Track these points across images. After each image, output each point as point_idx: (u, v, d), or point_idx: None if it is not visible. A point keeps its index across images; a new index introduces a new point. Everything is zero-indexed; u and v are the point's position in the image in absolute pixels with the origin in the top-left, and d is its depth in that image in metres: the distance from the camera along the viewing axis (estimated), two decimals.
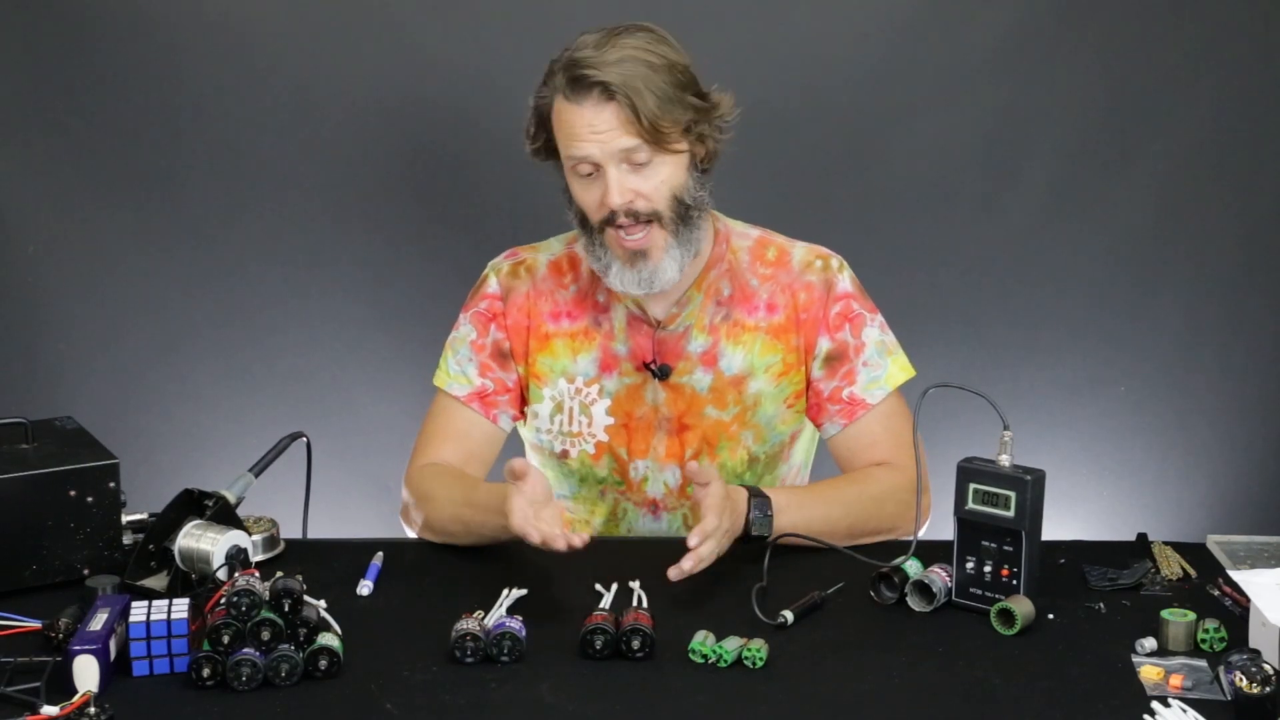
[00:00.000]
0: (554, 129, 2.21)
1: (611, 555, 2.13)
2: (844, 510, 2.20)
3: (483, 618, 1.87)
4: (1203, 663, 1.83)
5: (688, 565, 1.95)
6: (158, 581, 2.00)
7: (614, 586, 2.01)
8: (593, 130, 2.15)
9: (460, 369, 2.35)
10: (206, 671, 1.75)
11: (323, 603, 1.86)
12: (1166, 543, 2.20)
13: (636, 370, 2.32)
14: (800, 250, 2.36)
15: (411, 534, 2.31)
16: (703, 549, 1.96)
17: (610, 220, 2.18)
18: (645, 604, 1.96)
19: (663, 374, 2.31)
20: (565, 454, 2.36)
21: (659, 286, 2.22)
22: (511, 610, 1.94)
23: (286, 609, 1.78)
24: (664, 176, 2.18)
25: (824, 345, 2.32)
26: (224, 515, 2.03)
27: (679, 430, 2.33)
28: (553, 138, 2.22)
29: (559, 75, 2.18)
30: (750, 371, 2.32)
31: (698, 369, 2.32)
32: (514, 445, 2.48)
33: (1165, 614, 1.88)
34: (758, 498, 2.14)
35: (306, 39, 3.09)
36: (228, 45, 3.08)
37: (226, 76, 3.09)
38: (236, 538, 1.98)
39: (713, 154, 2.24)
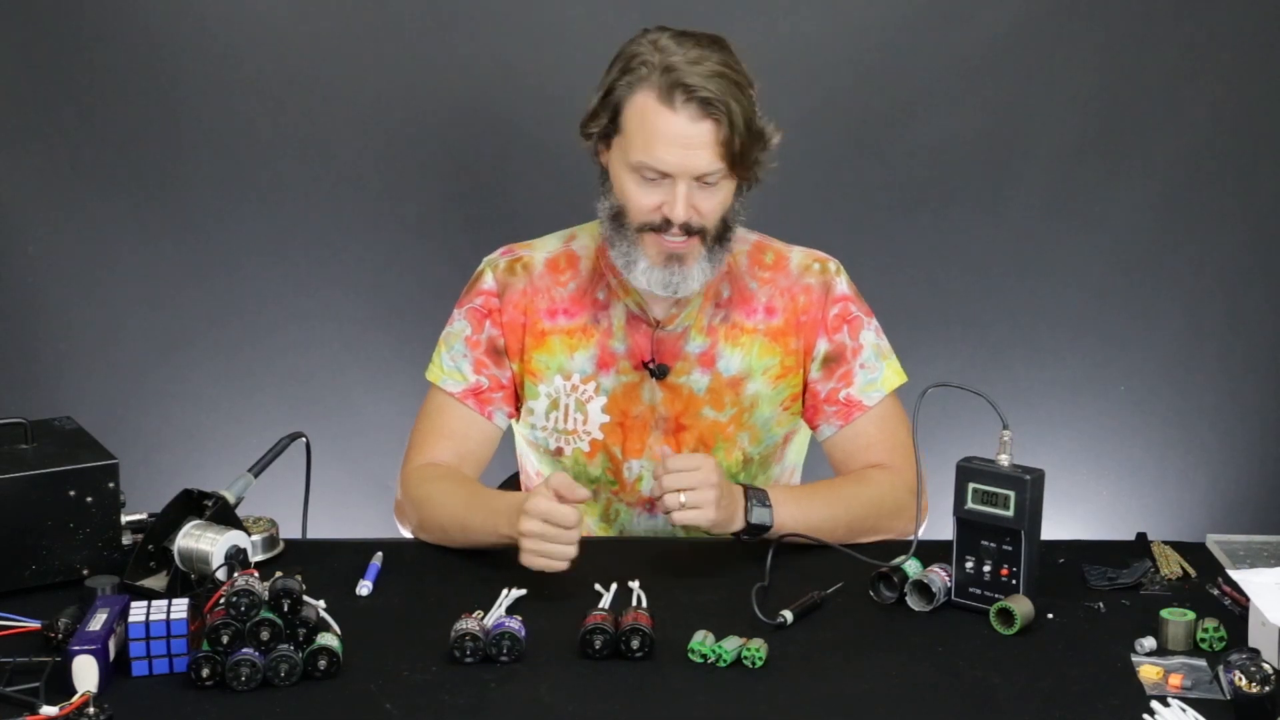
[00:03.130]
0: (628, 123, 2.16)
1: (611, 555, 2.13)
2: (845, 509, 2.20)
3: (482, 617, 1.87)
4: (1202, 662, 1.83)
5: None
6: (157, 581, 2.00)
7: (613, 586, 2.01)
8: (682, 142, 2.12)
9: (454, 365, 2.35)
10: (206, 671, 1.75)
11: (322, 603, 1.86)
12: (1166, 542, 2.20)
13: (634, 369, 2.32)
14: (797, 254, 2.36)
15: (404, 531, 2.31)
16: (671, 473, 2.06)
17: (660, 228, 2.17)
18: (644, 604, 1.96)
19: (660, 374, 2.31)
20: (560, 451, 2.36)
21: (684, 292, 2.22)
22: (511, 610, 1.94)
23: (286, 609, 1.77)
24: (722, 198, 2.18)
25: (822, 347, 2.32)
26: (223, 515, 2.03)
27: (675, 430, 2.33)
28: (618, 128, 2.18)
29: (654, 75, 2.13)
30: (748, 373, 2.32)
31: (695, 369, 2.31)
32: (510, 444, 2.47)
33: (1165, 613, 1.88)
34: (755, 490, 2.15)
35: (305, 38, 3.09)
36: (227, 45, 3.08)
37: (225, 76, 3.09)
38: (236, 538, 1.97)
39: (755, 181, 2.23)
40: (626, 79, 2.16)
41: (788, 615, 1.93)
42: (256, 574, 1.81)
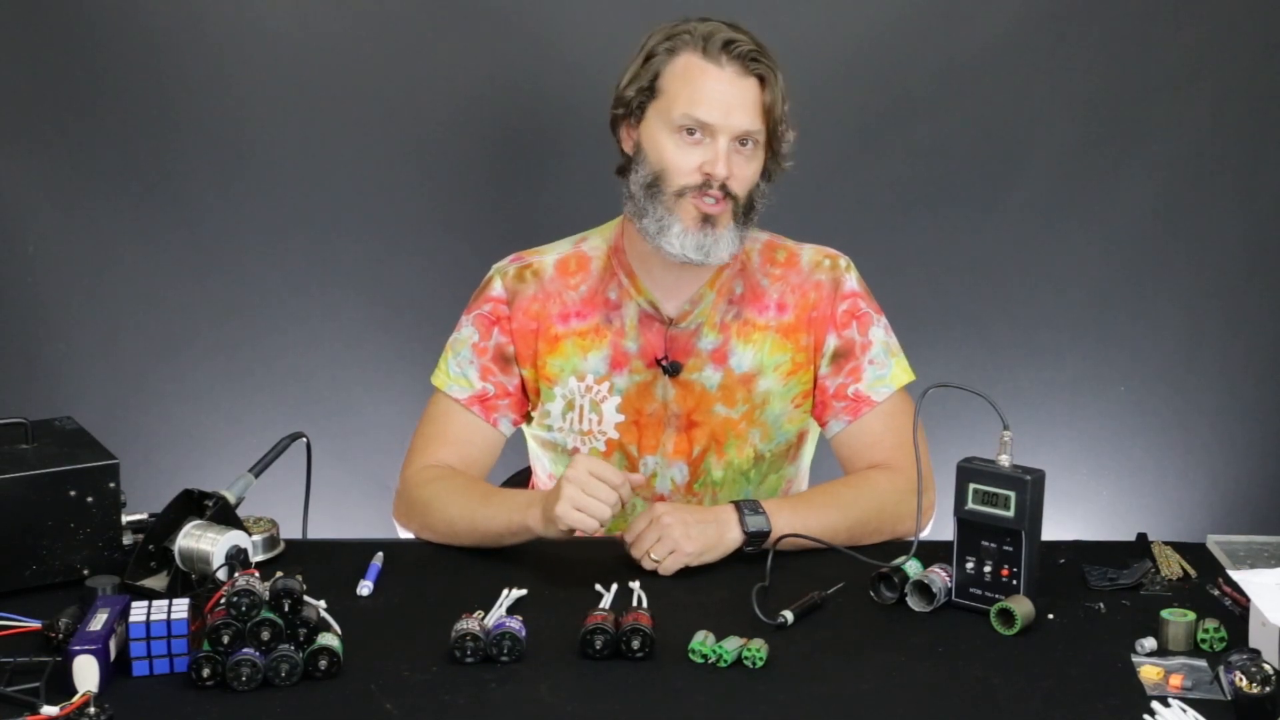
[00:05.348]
0: (669, 84, 2.21)
1: (612, 555, 2.13)
2: (842, 515, 2.20)
3: (483, 618, 1.87)
4: (1203, 663, 1.83)
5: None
6: (158, 581, 2.00)
7: (614, 586, 2.01)
8: (727, 97, 2.18)
9: (461, 371, 2.35)
10: (206, 671, 1.75)
11: (323, 603, 1.86)
12: (1166, 543, 2.20)
13: (647, 367, 2.32)
14: (809, 251, 2.37)
15: (403, 532, 2.31)
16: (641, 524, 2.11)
17: (701, 187, 2.20)
18: (645, 604, 1.96)
19: (673, 370, 2.31)
20: (577, 451, 2.36)
21: (715, 258, 2.23)
22: (511, 610, 1.94)
23: (286, 609, 1.78)
24: (755, 169, 2.24)
25: (831, 342, 2.33)
26: (224, 515, 2.03)
27: (687, 427, 2.33)
28: (656, 92, 2.22)
29: (697, 39, 2.20)
30: (760, 370, 2.32)
31: (708, 366, 2.32)
32: (512, 450, 2.47)
33: (1165, 614, 1.88)
34: (744, 502, 2.16)
35: (305, 38, 3.09)
36: (227, 45, 3.08)
37: (225, 76, 3.09)
38: (236, 538, 1.97)
39: (772, 173, 2.28)
40: (667, 44, 2.22)
41: (788, 615, 1.93)
42: (257, 574, 1.81)
